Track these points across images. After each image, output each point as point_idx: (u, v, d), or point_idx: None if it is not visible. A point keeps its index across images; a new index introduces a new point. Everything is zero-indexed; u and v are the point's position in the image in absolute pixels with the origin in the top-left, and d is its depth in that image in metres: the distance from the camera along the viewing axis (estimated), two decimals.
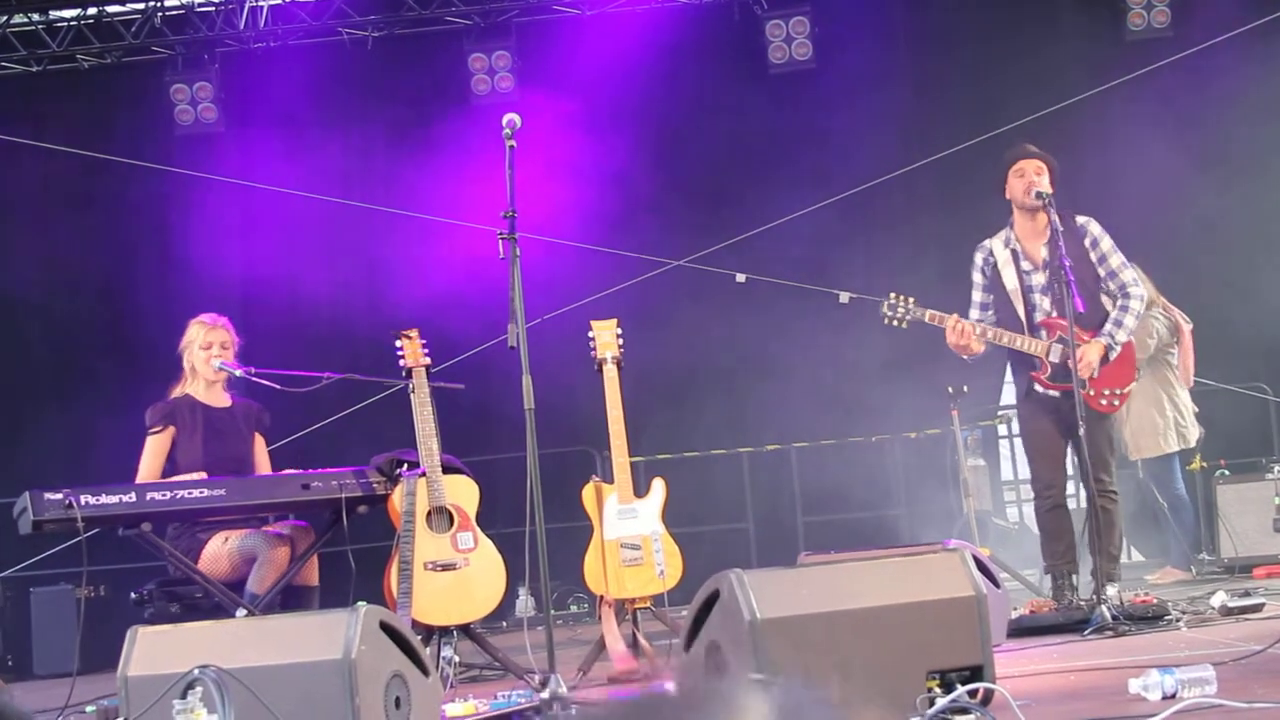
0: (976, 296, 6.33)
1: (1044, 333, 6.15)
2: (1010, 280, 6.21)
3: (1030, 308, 6.18)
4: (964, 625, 3.61)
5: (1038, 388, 6.20)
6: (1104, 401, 6.13)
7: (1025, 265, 6.21)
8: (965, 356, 6.26)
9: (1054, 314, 6.10)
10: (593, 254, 9.51)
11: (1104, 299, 6.27)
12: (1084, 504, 6.42)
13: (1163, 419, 8.19)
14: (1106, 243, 6.24)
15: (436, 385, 5.73)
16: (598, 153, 10.15)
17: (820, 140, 10.30)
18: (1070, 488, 6.65)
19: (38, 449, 9.60)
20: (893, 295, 6.26)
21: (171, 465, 5.75)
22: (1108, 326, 6.17)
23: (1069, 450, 6.29)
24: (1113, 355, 6.13)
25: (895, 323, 6.26)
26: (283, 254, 10.36)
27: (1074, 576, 6.25)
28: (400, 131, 10.51)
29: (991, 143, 9.20)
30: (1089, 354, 6.04)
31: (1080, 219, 6.27)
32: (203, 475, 5.62)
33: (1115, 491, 6.17)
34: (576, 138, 10.10)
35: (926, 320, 6.20)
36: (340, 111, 10.53)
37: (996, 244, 6.29)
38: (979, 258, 6.32)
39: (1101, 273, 6.23)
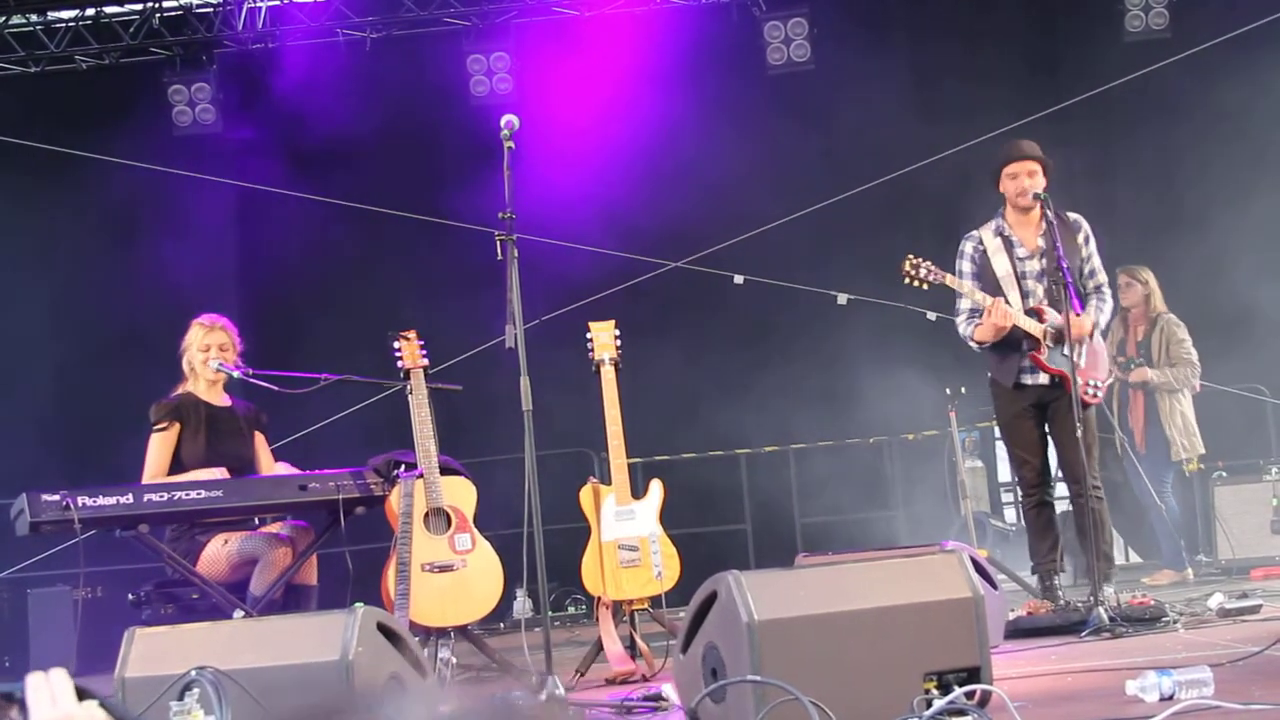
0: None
1: (1036, 317, 6.18)
2: (1002, 266, 6.23)
3: (1024, 294, 6.22)
4: (961, 627, 3.61)
5: (1025, 378, 6.21)
6: (1090, 392, 6.16)
7: (1020, 252, 6.26)
8: (976, 343, 6.28)
9: (1045, 302, 6.16)
10: (591, 255, 9.51)
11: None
12: (1073, 503, 6.43)
13: (1194, 419, 8.29)
14: (1094, 243, 6.36)
15: (434, 386, 5.72)
16: (596, 154, 10.15)
17: (818, 142, 10.30)
18: (1060, 489, 6.67)
19: (37, 449, 9.59)
20: (911, 256, 6.26)
21: (176, 463, 5.74)
22: (1090, 309, 6.25)
23: (1049, 445, 6.33)
24: (1103, 321, 6.30)
25: (917, 283, 6.25)
26: (280, 255, 10.36)
27: (1059, 576, 6.27)
28: (398, 132, 10.51)
29: (990, 144, 9.21)
30: (1083, 322, 6.09)
31: (1072, 215, 6.35)
32: (223, 471, 5.61)
33: (1099, 488, 6.18)
34: (574, 139, 10.10)
35: (947, 283, 6.22)
36: (338, 113, 10.52)
37: (986, 233, 6.31)
38: (968, 247, 6.35)
39: (1086, 269, 6.34)
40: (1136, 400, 8.34)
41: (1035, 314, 6.17)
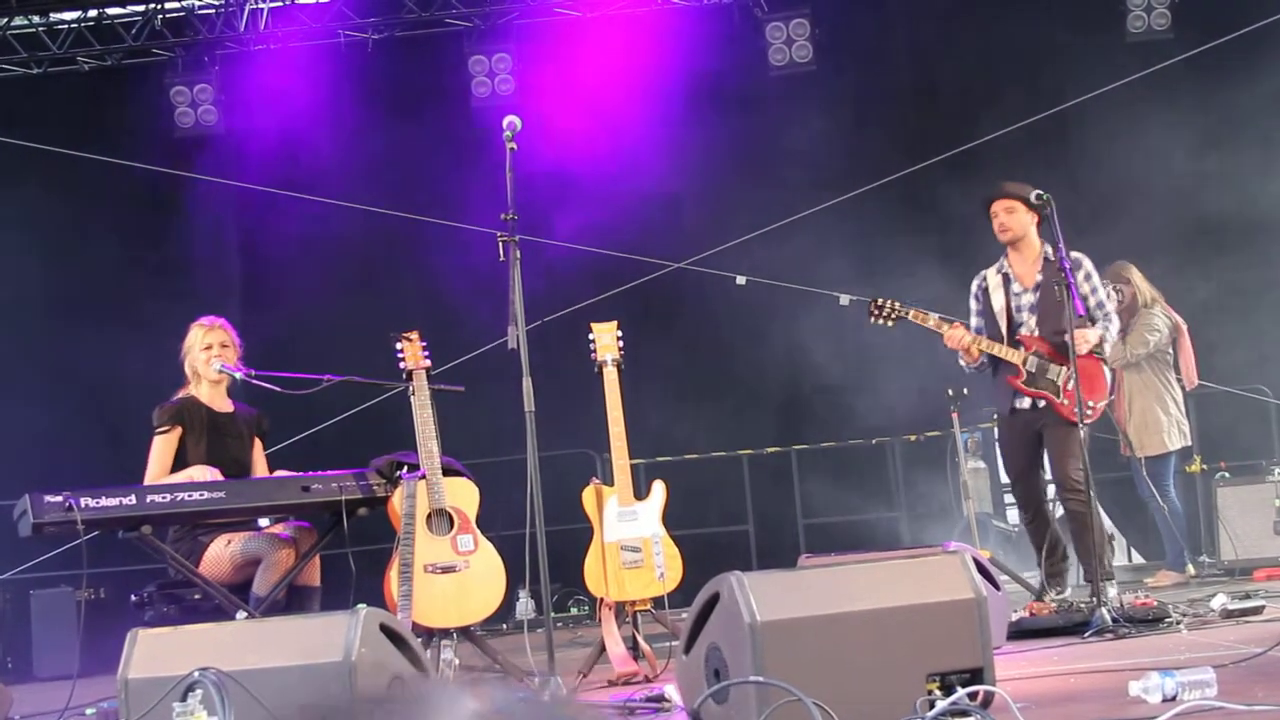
0: (972, 321, 6.73)
1: (1022, 347, 6.50)
2: (998, 301, 6.60)
3: (1015, 325, 6.55)
4: (964, 627, 3.61)
5: (1016, 402, 6.52)
6: (1085, 411, 6.20)
7: (1016, 287, 6.59)
8: (965, 363, 6.63)
9: (1036, 332, 6.47)
10: (593, 256, 9.52)
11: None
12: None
13: (1166, 416, 8.21)
14: (1096, 279, 6.60)
15: (436, 387, 5.72)
16: (598, 155, 10.15)
17: (821, 142, 10.30)
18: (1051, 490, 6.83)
19: (38, 450, 9.59)
20: (879, 300, 6.65)
21: (179, 467, 5.73)
22: (1100, 323, 6.49)
23: (1044, 460, 6.66)
24: (1106, 348, 6.48)
25: (882, 321, 6.65)
26: (282, 255, 10.36)
27: (1061, 579, 6.53)
28: (400, 133, 10.52)
29: (991, 144, 9.23)
30: (1088, 333, 6.35)
31: (1075, 254, 6.49)
32: (216, 471, 5.61)
33: (1081, 488, 6.27)
34: (576, 140, 10.11)
35: (910, 318, 6.56)
36: (340, 114, 10.53)
37: (990, 272, 6.69)
38: (974, 285, 6.73)
39: (1091, 303, 6.54)
40: (1119, 399, 8.29)
41: (1021, 343, 6.49)
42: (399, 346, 5.70)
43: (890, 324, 6.62)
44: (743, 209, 10.04)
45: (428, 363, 5.71)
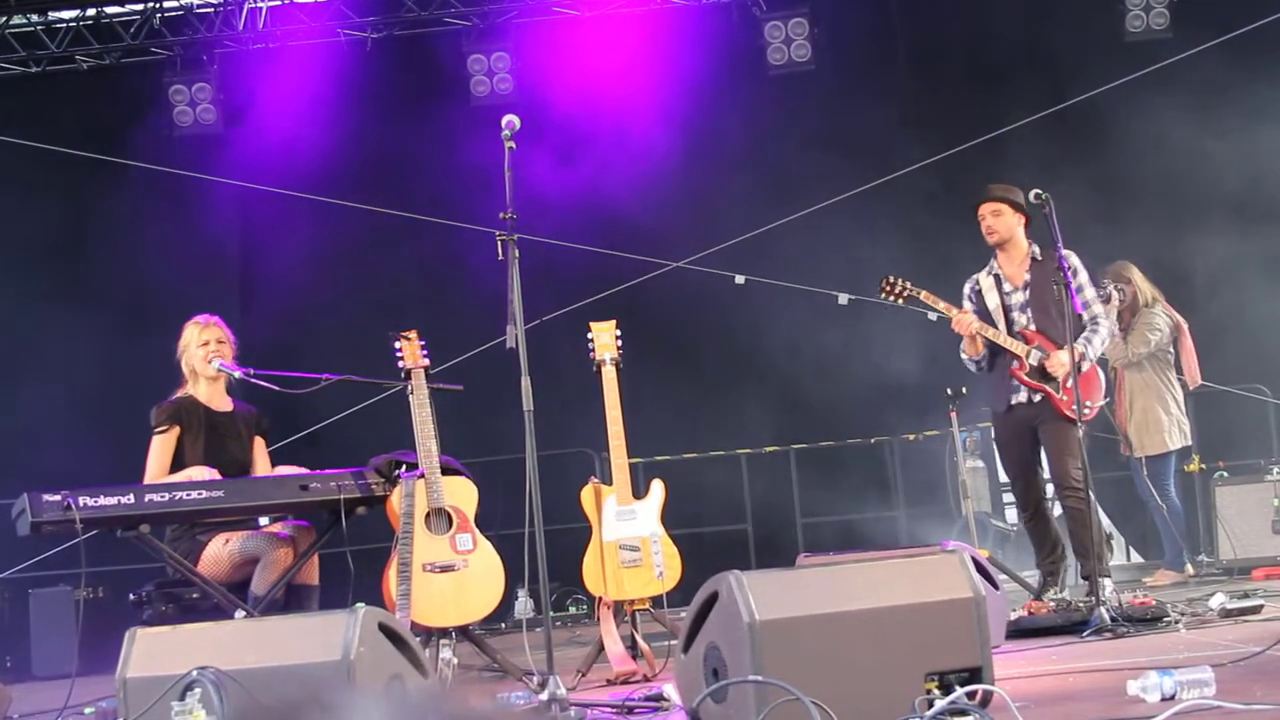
0: None
1: (1024, 340, 6.60)
2: (992, 300, 6.70)
3: (1010, 322, 6.65)
4: (963, 627, 3.61)
5: (1013, 397, 6.58)
6: (1082, 410, 6.22)
7: (1007, 287, 6.70)
8: (967, 356, 6.72)
9: (1031, 327, 6.57)
10: (592, 255, 9.52)
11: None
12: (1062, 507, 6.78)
13: (1167, 416, 8.21)
14: (1084, 275, 6.63)
15: (435, 386, 5.72)
16: (596, 154, 10.15)
17: (819, 142, 10.30)
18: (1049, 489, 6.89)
19: (38, 449, 9.58)
20: (891, 276, 6.75)
21: (177, 467, 5.73)
22: (1079, 341, 6.46)
23: (1041, 456, 6.74)
24: (1084, 365, 6.46)
25: (893, 299, 6.76)
26: (281, 255, 10.35)
27: (1062, 576, 6.60)
28: (399, 132, 10.51)
29: (990, 144, 9.22)
30: (1062, 356, 6.39)
31: (1064, 251, 6.44)
32: (215, 472, 5.61)
33: (1080, 486, 6.32)
34: (575, 139, 10.10)
35: (922, 299, 6.68)
36: (339, 113, 10.53)
37: (982, 275, 6.80)
38: (967, 288, 6.83)
39: (1078, 300, 6.51)
40: (1120, 398, 8.29)
41: (1022, 337, 6.58)
42: (397, 345, 5.70)
43: (900, 301, 6.74)
44: (741, 208, 10.03)
45: (426, 362, 5.71)
